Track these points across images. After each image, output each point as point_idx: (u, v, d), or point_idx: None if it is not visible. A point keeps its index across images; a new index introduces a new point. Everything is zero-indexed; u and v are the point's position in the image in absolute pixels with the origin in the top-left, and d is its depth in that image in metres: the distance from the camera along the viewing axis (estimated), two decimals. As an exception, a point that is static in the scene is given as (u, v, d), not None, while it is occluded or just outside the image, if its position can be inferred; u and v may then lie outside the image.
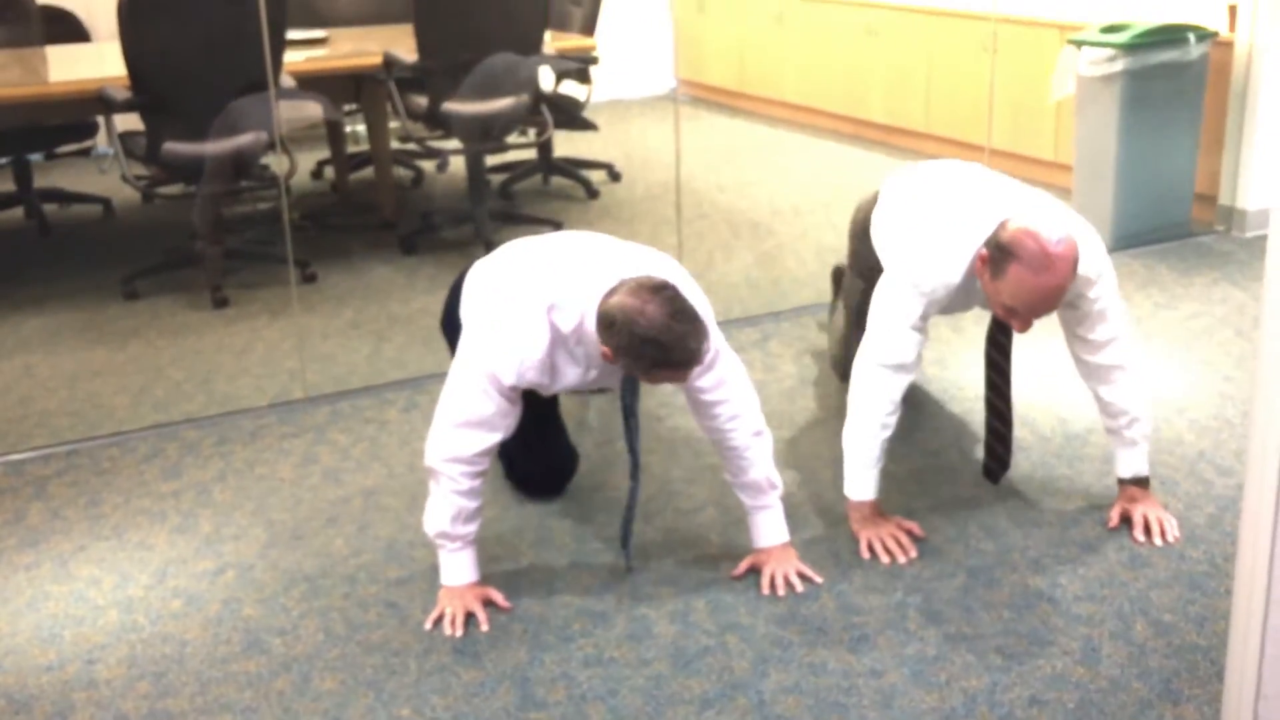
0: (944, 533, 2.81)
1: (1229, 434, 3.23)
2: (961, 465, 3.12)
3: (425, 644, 2.48)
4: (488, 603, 2.57)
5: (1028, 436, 3.25)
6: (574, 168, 5.87)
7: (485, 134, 4.96)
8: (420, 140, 5.09)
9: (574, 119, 5.54)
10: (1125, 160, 4.68)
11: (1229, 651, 1.87)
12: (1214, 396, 3.46)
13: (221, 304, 4.43)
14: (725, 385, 2.56)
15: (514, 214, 5.43)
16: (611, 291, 2.34)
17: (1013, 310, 2.52)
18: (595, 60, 5.42)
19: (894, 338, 2.67)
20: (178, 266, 4.72)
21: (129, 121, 4.42)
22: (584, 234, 2.67)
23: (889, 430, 2.71)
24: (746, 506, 2.67)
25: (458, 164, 5.85)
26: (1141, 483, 2.82)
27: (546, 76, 5.37)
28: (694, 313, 2.31)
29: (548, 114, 5.18)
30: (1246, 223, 4.83)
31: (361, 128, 5.76)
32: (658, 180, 5.95)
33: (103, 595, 2.68)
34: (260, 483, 3.16)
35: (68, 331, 4.22)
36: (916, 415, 3.38)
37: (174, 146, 4.34)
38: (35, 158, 5.54)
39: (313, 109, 4.93)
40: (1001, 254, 2.48)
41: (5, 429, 3.49)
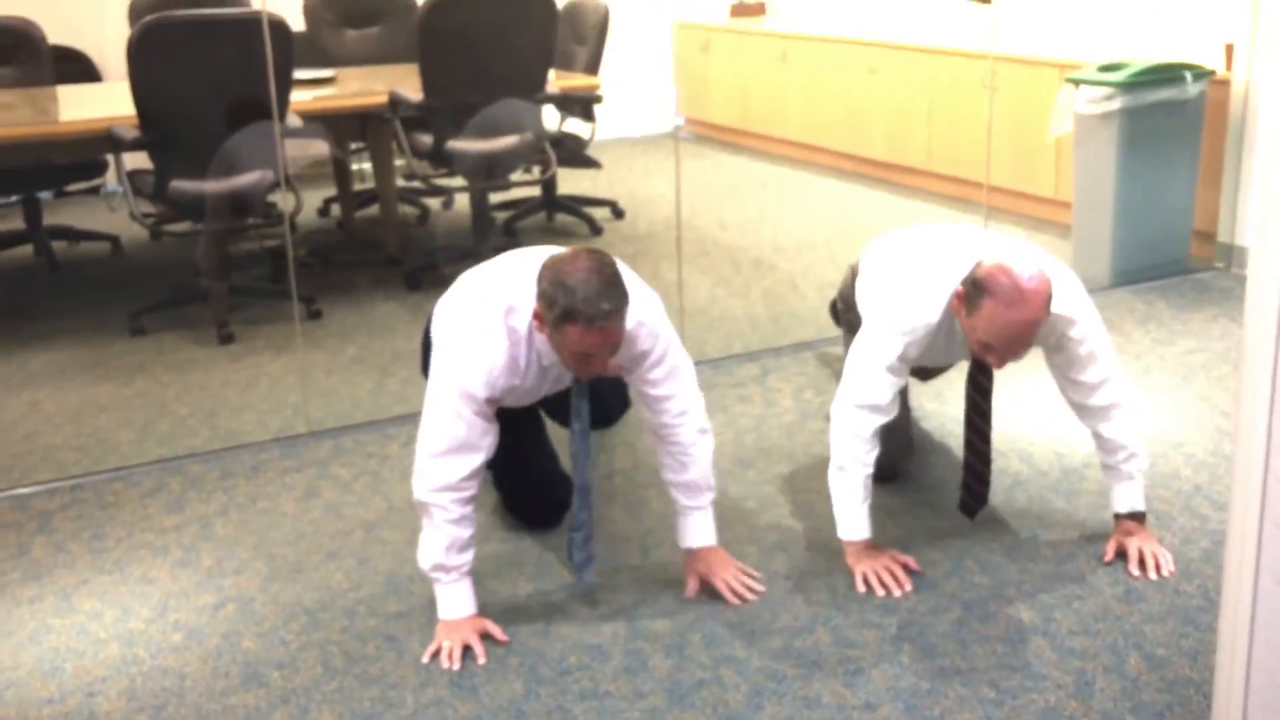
0: (940, 566, 2.83)
1: (1225, 469, 3.24)
2: (957, 499, 3.13)
3: (422, 677, 2.49)
4: (485, 636, 2.58)
5: (1024, 470, 3.27)
6: (578, 205, 5.92)
7: (490, 172, 5.01)
8: (425, 178, 5.15)
9: (578, 157, 5.60)
10: (1124, 197, 4.71)
11: (1215, 687, 1.88)
12: (1211, 432, 3.48)
13: (227, 340, 4.47)
14: (675, 380, 2.63)
15: (518, 251, 5.47)
16: None
17: (989, 346, 2.56)
18: (599, 99, 5.48)
19: (870, 379, 2.72)
20: (184, 303, 4.77)
21: (137, 160, 4.48)
22: (538, 247, 2.72)
23: (869, 469, 2.75)
24: (680, 506, 2.72)
25: (463, 201, 5.91)
26: (1137, 517, 2.84)
27: (551, 115, 5.43)
28: (619, 282, 2.36)
29: (552, 152, 5.23)
30: (1245, 259, 4.86)
31: (368, 165, 5.82)
32: (661, 217, 6.00)
33: (104, 629, 2.70)
34: (262, 517, 3.18)
35: (74, 367, 4.26)
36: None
37: (181, 185, 4.39)
38: (45, 196, 5.60)
39: (318, 146, 4.99)
40: (976, 290, 2.53)
41: (11, 463, 3.52)
